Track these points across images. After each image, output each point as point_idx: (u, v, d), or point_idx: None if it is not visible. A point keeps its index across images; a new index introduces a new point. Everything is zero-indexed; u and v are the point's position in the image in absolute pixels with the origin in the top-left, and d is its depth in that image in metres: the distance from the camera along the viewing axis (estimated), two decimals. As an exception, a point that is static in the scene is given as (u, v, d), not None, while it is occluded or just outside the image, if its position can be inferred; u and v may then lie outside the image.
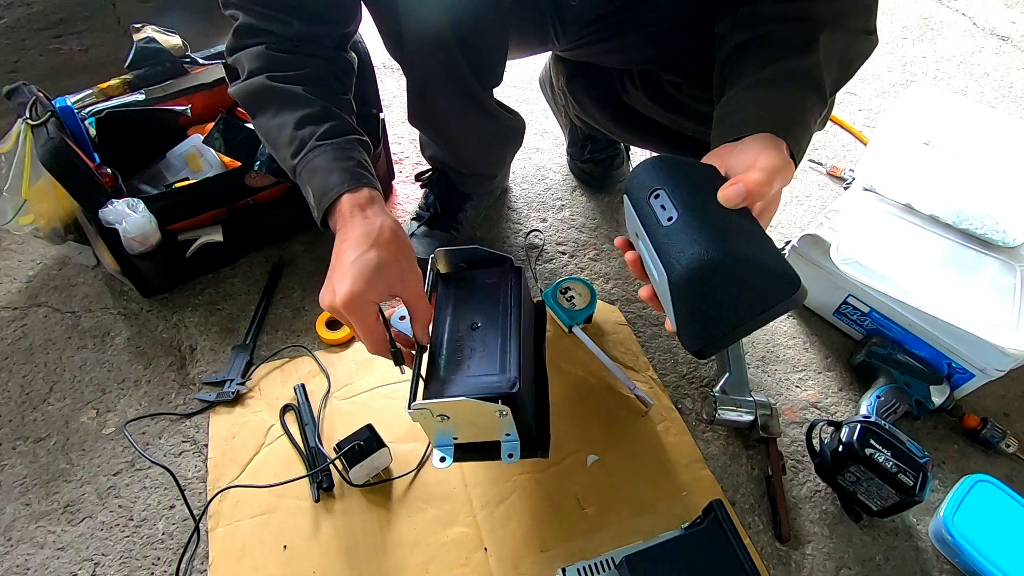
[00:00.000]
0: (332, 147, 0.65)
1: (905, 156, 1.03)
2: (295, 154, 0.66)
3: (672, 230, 0.48)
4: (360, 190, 0.64)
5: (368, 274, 0.59)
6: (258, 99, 0.69)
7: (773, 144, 0.54)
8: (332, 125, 0.67)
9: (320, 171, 0.65)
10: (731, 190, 0.49)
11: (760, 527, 0.80)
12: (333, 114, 0.68)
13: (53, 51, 1.41)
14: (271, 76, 0.68)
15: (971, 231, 0.94)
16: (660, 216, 0.49)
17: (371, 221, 0.62)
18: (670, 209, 0.49)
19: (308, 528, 0.76)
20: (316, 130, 0.66)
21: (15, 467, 0.81)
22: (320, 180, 0.65)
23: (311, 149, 0.66)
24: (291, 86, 0.67)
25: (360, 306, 0.59)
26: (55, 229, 0.92)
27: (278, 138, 0.68)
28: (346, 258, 0.60)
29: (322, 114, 0.67)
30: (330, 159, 0.65)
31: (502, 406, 0.59)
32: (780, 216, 1.19)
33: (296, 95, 0.67)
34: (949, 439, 0.90)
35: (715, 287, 0.46)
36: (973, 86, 1.52)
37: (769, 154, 0.52)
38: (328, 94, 0.70)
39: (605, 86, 0.99)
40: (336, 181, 0.64)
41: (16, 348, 0.92)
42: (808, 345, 1.00)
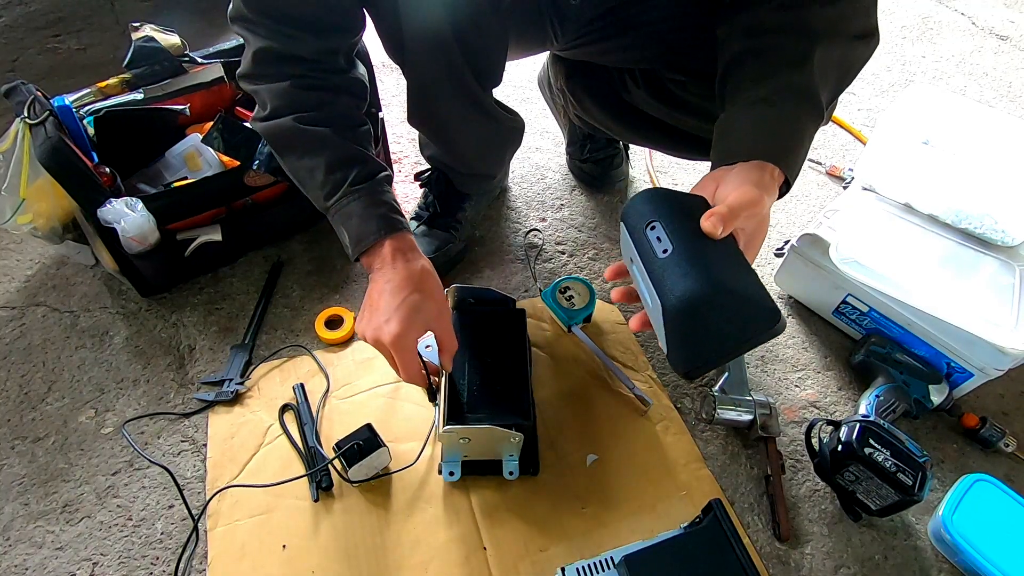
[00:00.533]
0: (364, 192, 0.71)
1: (904, 156, 1.03)
2: (328, 196, 0.72)
3: (667, 263, 0.52)
4: (397, 235, 0.71)
5: (412, 316, 0.68)
6: (287, 141, 0.73)
7: (757, 176, 0.58)
8: (361, 169, 0.71)
9: (355, 217, 0.71)
10: (706, 224, 0.53)
11: (759, 526, 0.80)
12: (360, 156, 0.72)
13: (51, 50, 1.41)
14: (298, 118, 0.70)
15: (970, 230, 0.94)
16: (656, 248, 0.53)
17: (411, 265, 0.71)
18: (665, 242, 0.52)
19: (307, 528, 0.76)
20: (348, 174, 0.71)
21: (13, 467, 0.81)
22: (356, 226, 0.71)
23: (344, 194, 0.71)
24: (318, 128, 0.71)
25: (405, 345, 0.68)
26: (53, 228, 0.92)
27: (308, 179, 0.73)
28: (390, 299, 0.69)
29: (350, 158, 0.72)
30: (364, 205, 0.71)
31: (516, 433, 0.71)
32: (779, 215, 1.19)
33: (324, 138, 0.71)
34: (948, 438, 0.90)
35: (705, 319, 0.50)
36: (972, 86, 1.52)
37: (743, 190, 0.55)
38: (352, 132, 0.74)
39: (605, 84, 0.99)
40: (373, 228, 0.71)
41: (14, 347, 0.92)
42: (807, 344, 1.00)
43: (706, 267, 0.50)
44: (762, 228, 0.59)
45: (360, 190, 0.71)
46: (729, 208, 0.53)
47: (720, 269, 0.50)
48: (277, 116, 0.71)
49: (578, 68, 1.02)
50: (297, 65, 0.70)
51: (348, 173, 0.71)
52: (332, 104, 0.72)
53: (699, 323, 0.50)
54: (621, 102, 0.98)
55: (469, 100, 0.82)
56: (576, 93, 1.04)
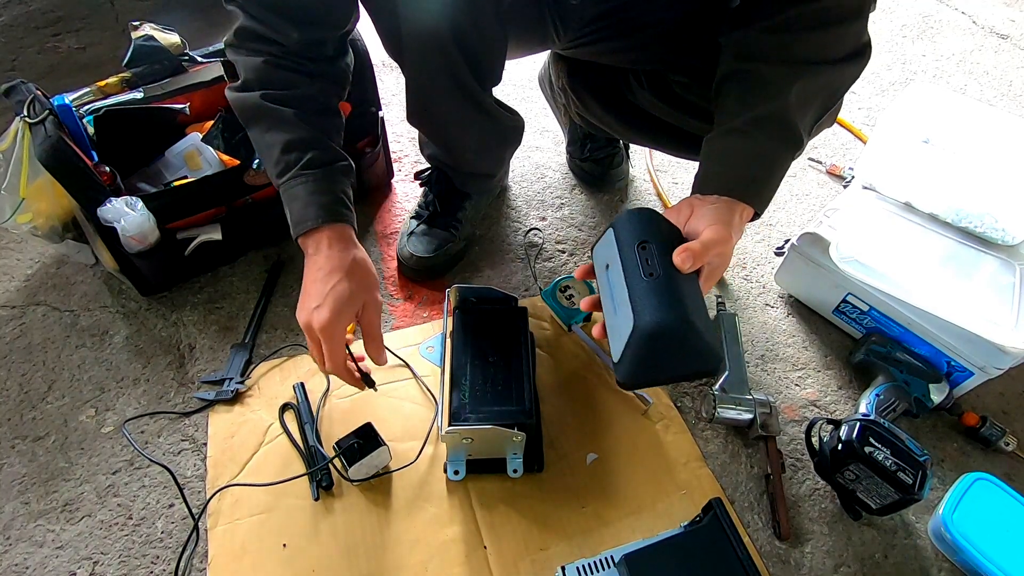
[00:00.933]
0: (313, 178, 0.71)
1: (905, 154, 1.03)
2: (279, 176, 0.72)
3: (649, 286, 0.55)
4: (335, 226, 0.71)
5: (342, 304, 0.69)
6: (251, 115, 0.73)
7: (728, 216, 0.63)
8: (316, 154, 0.71)
9: (299, 200, 0.71)
10: (678, 259, 0.58)
11: (759, 525, 0.80)
12: (319, 141, 0.72)
13: (51, 49, 1.41)
14: (265, 95, 0.71)
15: (970, 229, 0.94)
16: (642, 268, 0.56)
17: (345, 254, 0.71)
18: (652, 266, 0.56)
19: (307, 527, 0.76)
20: (301, 157, 0.71)
21: (14, 466, 0.81)
22: (298, 209, 0.71)
23: (293, 176, 0.71)
24: (282, 108, 0.71)
25: (333, 333, 0.69)
26: (53, 227, 0.92)
27: (266, 155, 0.74)
28: (322, 286, 0.69)
29: (308, 141, 0.72)
30: (310, 191, 0.71)
31: (518, 432, 0.72)
32: (779, 214, 1.19)
33: (286, 119, 0.71)
34: (948, 437, 0.90)
35: (666, 348, 0.54)
36: (972, 84, 1.52)
37: (715, 228, 0.61)
38: (318, 117, 0.73)
39: (609, 84, 0.98)
40: (312, 215, 0.70)
41: (15, 347, 0.92)
42: (808, 343, 1.00)
43: (682, 303, 0.54)
44: (724, 264, 0.64)
45: (310, 175, 0.71)
46: (702, 246, 0.59)
47: (692, 309, 0.55)
48: (247, 89, 0.72)
49: (581, 67, 1.01)
50: (275, 47, 0.71)
51: (302, 156, 0.71)
52: (302, 87, 0.72)
53: (660, 350, 0.54)
54: (625, 102, 0.98)
55: (468, 99, 0.81)
56: (578, 92, 1.03)
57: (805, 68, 0.65)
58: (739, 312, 1.02)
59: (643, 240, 0.58)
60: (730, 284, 1.07)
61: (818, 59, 0.65)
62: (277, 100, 0.71)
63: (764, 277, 1.08)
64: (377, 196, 1.16)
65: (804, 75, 0.65)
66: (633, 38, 0.84)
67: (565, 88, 1.06)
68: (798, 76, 0.65)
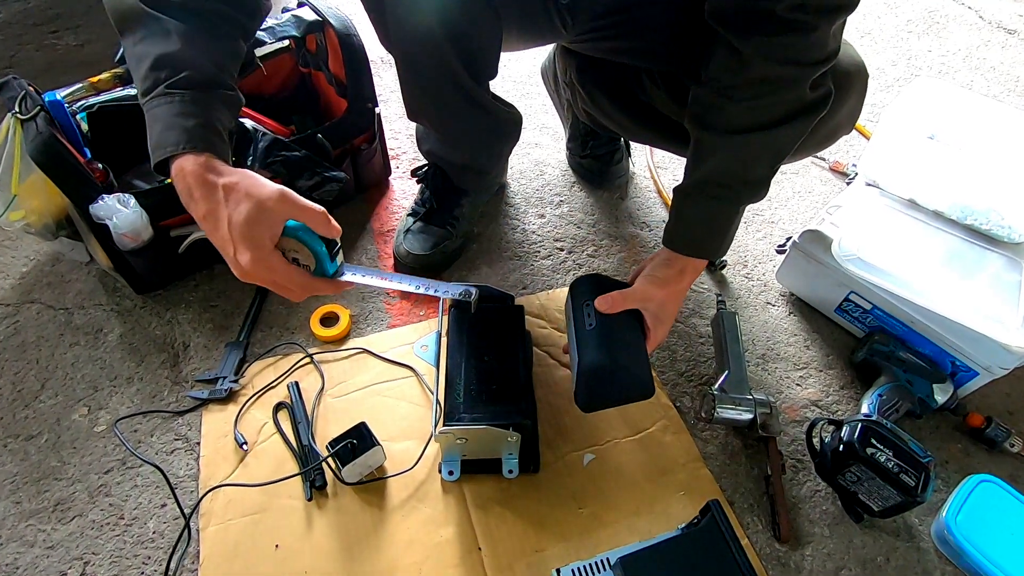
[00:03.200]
0: (180, 99, 0.60)
1: (909, 150, 1.01)
2: (144, 94, 0.61)
3: (589, 334, 0.71)
4: (203, 154, 0.59)
5: (254, 229, 0.58)
6: (126, 19, 0.63)
7: (663, 272, 0.74)
8: (191, 74, 0.61)
9: (159, 123, 0.60)
10: (597, 302, 0.72)
11: (759, 527, 0.78)
12: (198, 62, 0.62)
13: (49, 46, 1.41)
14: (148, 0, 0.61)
15: (976, 227, 0.92)
16: (585, 321, 0.73)
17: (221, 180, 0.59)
18: (592, 319, 0.72)
19: (301, 527, 0.75)
20: (172, 74, 0.60)
21: (5, 465, 0.80)
22: (158, 133, 0.60)
23: (159, 95, 0.60)
24: (163, 16, 0.61)
25: (271, 265, 0.59)
26: (46, 225, 0.91)
27: (135, 70, 0.63)
28: (222, 229, 0.59)
29: (186, 59, 0.61)
30: (174, 112, 0.60)
31: (514, 432, 0.71)
32: (781, 212, 1.18)
33: (164, 29, 0.61)
34: (952, 438, 0.89)
35: (602, 381, 0.70)
36: (979, 80, 1.50)
37: (641, 283, 0.74)
38: (206, 37, 0.63)
39: (620, 82, 0.96)
40: (173, 139, 0.59)
41: (8, 345, 0.91)
42: (809, 343, 0.98)
43: (611, 347, 0.70)
44: (665, 309, 0.75)
45: (177, 95, 0.60)
46: (622, 296, 0.72)
47: (619, 349, 0.70)
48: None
49: (591, 63, 0.98)
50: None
51: (173, 74, 0.60)
52: (195, 2, 0.63)
53: (598, 382, 0.70)
54: (636, 100, 0.95)
55: (462, 95, 0.80)
56: (588, 87, 1.00)
57: (740, 136, 0.69)
58: (740, 311, 1.01)
59: (586, 299, 0.73)
60: (731, 282, 1.06)
61: (751, 127, 0.69)
62: (160, 6, 0.61)
63: (765, 275, 1.07)
64: (374, 193, 1.15)
65: (738, 142, 0.70)
66: (645, 38, 0.82)
67: (573, 83, 1.03)
68: (732, 143, 0.70)
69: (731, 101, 0.68)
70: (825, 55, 0.65)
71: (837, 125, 0.82)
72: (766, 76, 0.66)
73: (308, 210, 0.60)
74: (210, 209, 0.59)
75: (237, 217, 0.58)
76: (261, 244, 0.58)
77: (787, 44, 0.63)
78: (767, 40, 0.64)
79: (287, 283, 0.61)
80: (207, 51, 0.63)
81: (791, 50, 0.64)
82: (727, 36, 0.66)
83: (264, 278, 0.60)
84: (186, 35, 0.61)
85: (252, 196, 0.58)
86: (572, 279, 1.02)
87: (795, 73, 0.66)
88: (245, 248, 0.58)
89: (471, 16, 0.71)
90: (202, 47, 0.62)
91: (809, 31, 0.62)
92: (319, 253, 0.62)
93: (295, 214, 0.60)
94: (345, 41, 0.98)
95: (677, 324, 0.99)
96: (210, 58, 0.63)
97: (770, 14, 0.62)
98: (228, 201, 0.58)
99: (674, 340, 0.97)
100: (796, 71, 0.65)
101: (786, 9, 0.61)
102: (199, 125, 0.60)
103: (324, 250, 0.63)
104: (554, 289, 1.02)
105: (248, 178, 0.59)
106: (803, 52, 0.64)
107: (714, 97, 0.69)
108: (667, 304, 0.75)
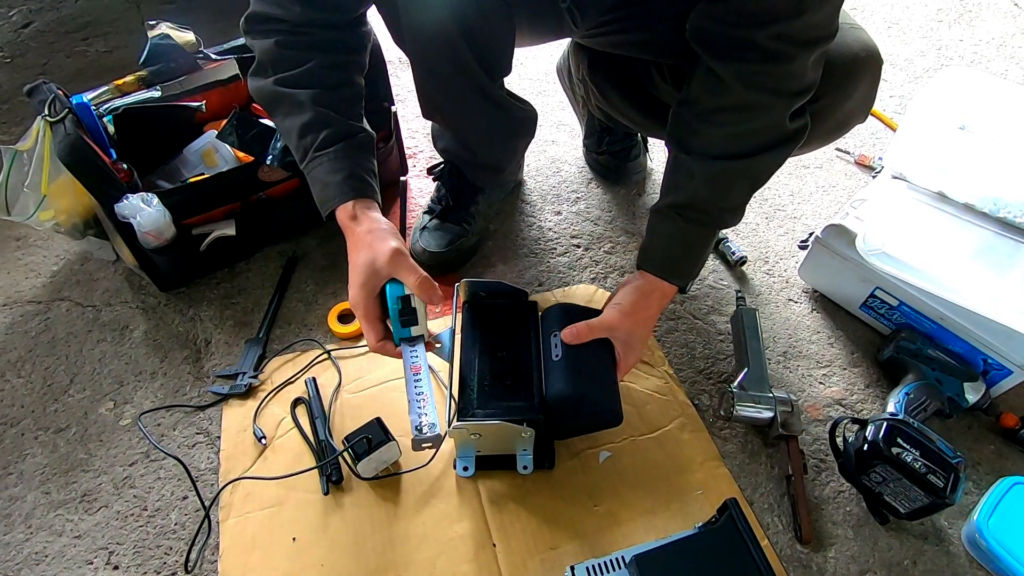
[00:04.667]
0: (327, 158, 0.71)
1: (938, 142, 0.98)
2: (302, 161, 0.73)
3: (555, 365, 0.74)
4: (356, 201, 0.70)
5: (360, 276, 0.68)
6: (269, 102, 0.74)
7: (631, 299, 0.76)
8: (329, 132, 0.71)
9: (319, 182, 0.72)
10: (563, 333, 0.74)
11: (779, 528, 0.77)
12: (330, 119, 0.71)
13: (80, 53, 1.45)
14: (278, 79, 0.71)
15: (1009, 220, 0.89)
16: (552, 351, 0.75)
17: (360, 230, 0.69)
18: (558, 350, 0.75)
19: (317, 521, 0.75)
20: (316, 139, 0.71)
21: (36, 456, 0.83)
22: (319, 191, 0.72)
23: (311, 160, 0.71)
24: (294, 91, 0.71)
25: (365, 312, 0.69)
26: (75, 224, 0.94)
27: (289, 141, 0.74)
28: (351, 267, 0.70)
29: (321, 120, 0.71)
30: (327, 171, 0.71)
31: (527, 428, 0.71)
32: (804, 207, 1.15)
33: (299, 101, 0.71)
34: (985, 439, 0.86)
35: (567, 409, 0.73)
36: (1014, 69, 1.44)
37: (608, 312, 0.76)
38: (330, 93, 0.72)
39: (629, 75, 0.96)
40: (331, 194, 0.70)
41: (39, 341, 0.94)
42: (833, 340, 0.96)
43: (576, 377, 0.72)
44: (634, 336, 0.76)
45: (325, 155, 0.71)
46: (588, 327, 0.74)
47: (584, 380, 0.72)
48: (262, 73, 0.72)
49: (602, 58, 0.99)
50: (284, 24, 0.70)
51: (316, 137, 0.71)
52: (312, 62, 0.71)
53: (564, 410, 0.72)
54: (647, 95, 0.95)
55: (477, 92, 0.80)
56: (599, 83, 1.01)
57: (719, 162, 0.71)
58: (761, 308, 0.99)
59: (554, 330, 0.76)
60: (751, 279, 1.04)
61: (730, 154, 0.70)
62: (289, 83, 0.71)
63: (787, 271, 1.05)
64: (391, 191, 1.15)
65: (716, 168, 0.71)
66: (654, 31, 0.81)
67: (585, 79, 1.03)
68: (711, 168, 0.71)
69: (711, 125, 0.70)
70: (803, 86, 0.67)
71: (848, 114, 0.80)
72: (745, 103, 0.67)
73: (411, 275, 0.67)
74: (349, 248, 0.70)
75: (358, 260, 0.68)
76: (363, 298, 0.68)
77: (766, 72, 0.65)
78: (746, 67, 0.65)
79: (367, 334, 0.71)
80: (334, 106, 0.72)
81: (770, 78, 0.66)
82: (707, 59, 0.67)
83: (358, 316, 0.70)
84: (316, 100, 0.71)
85: (373, 249, 0.67)
86: (589, 276, 1.02)
87: (773, 102, 0.67)
88: (357, 298, 0.68)
89: (484, 13, 0.71)
90: (329, 104, 0.71)
91: (788, 61, 0.64)
92: (393, 317, 0.69)
93: (399, 275, 0.67)
94: (362, 41, 0.99)
95: (696, 321, 0.98)
96: (339, 111, 0.72)
97: (751, 42, 0.63)
98: (359, 247, 0.69)
99: (693, 337, 0.96)
100: (774, 100, 0.67)
101: (767, 38, 0.62)
102: (347, 177, 0.70)
103: (396, 317, 0.69)
104: (570, 286, 1.02)
105: (377, 232, 0.69)
106: (781, 81, 0.66)
107: (694, 120, 0.71)
108: (635, 331, 0.76)
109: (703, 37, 0.68)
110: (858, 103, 0.79)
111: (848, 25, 0.74)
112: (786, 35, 0.62)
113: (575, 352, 0.74)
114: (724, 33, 0.65)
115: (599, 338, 0.75)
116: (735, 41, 0.64)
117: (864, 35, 0.75)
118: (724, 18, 0.64)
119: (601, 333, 0.75)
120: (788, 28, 0.62)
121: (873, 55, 0.75)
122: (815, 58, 0.65)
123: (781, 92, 0.67)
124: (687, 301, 1.00)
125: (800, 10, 0.61)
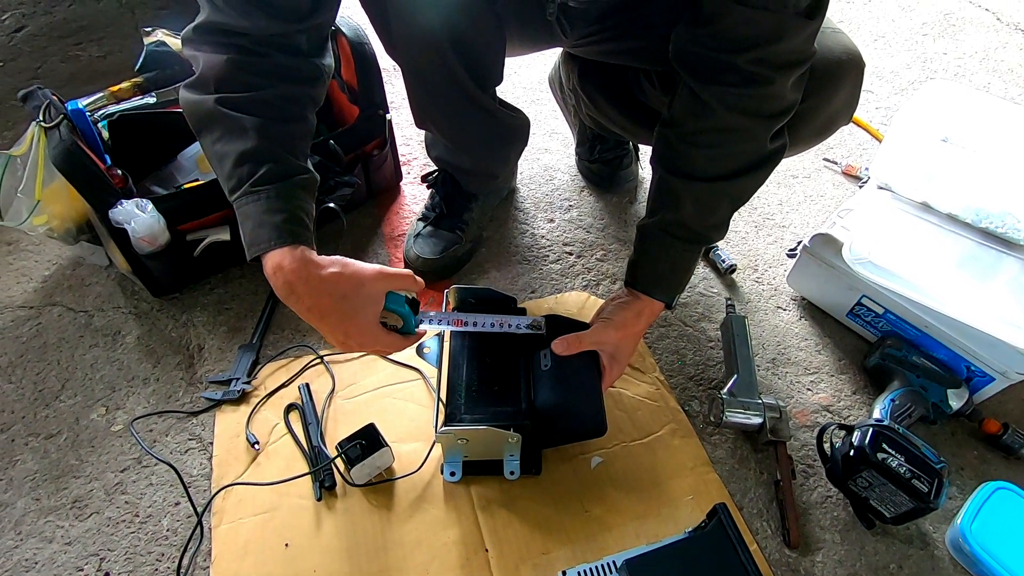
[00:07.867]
0: (266, 195, 0.63)
1: (922, 153, 1.00)
2: (231, 191, 0.65)
3: (544, 375, 0.76)
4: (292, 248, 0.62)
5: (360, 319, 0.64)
6: (203, 120, 0.66)
7: (621, 315, 0.76)
8: (270, 168, 0.63)
9: (250, 220, 0.64)
10: (554, 344, 0.75)
11: (768, 533, 0.78)
12: (274, 154, 0.64)
13: (73, 57, 1.45)
14: (221, 99, 0.63)
15: (991, 230, 0.91)
16: (542, 362, 0.77)
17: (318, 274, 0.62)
18: (547, 359, 0.76)
19: (310, 527, 0.76)
20: (254, 171, 0.63)
21: (27, 462, 0.82)
22: (250, 230, 0.64)
23: (245, 193, 0.64)
24: (238, 115, 0.63)
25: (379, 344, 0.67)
26: (68, 230, 0.94)
27: (218, 168, 0.66)
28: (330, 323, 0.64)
29: (264, 152, 0.64)
30: (262, 209, 0.63)
31: (514, 434, 0.71)
32: (792, 216, 1.17)
33: (241, 127, 0.63)
34: (968, 444, 0.87)
35: (554, 420, 0.74)
36: (996, 82, 1.47)
37: (597, 326, 0.77)
38: (279, 125, 0.65)
39: (619, 84, 0.97)
40: (265, 236, 0.63)
41: (31, 346, 0.94)
42: (821, 347, 0.98)
43: (564, 389, 0.74)
44: (621, 350, 0.77)
45: (263, 191, 0.63)
46: (579, 339, 0.75)
47: (572, 390, 0.74)
48: (202, 88, 0.65)
49: (591, 67, 1.01)
50: (243, 39, 0.63)
51: (255, 169, 0.63)
52: (265, 89, 0.64)
53: (550, 420, 0.74)
54: (635, 102, 0.97)
55: (468, 101, 0.81)
56: (589, 92, 1.03)
57: (704, 184, 0.72)
58: (750, 315, 1.00)
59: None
60: (741, 287, 1.05)
61: (714, 176, 0.72)
62: (234, 105, 0.63)
63: (776, 279, 1.06)
64: (385, 199, 1.16)
65: (701, 188, 0.73)
66: (643, 39, 0.83)
67: (576, 89, 1.05)
68: (696, 189, 0.73)
69: (694, 147, 0.71)
70: (783, 107, 0.68)
71: (832, 116, 0.81)
72: (727, 125, 0.68)
73: (398, 277, 0.66)
74: (316, 303, 0.62)
75: (346, 307, 0.63)
76: (367, 325, 0.65)
77: (746, 95, 0.66)
78: (727, 90, 0.67)
79: (387, 348, 0.68)
80: (282, 140, 0.65)
81: (750, 101, 0.67)
82: (689, 81, 0.69)
83: (370, 349, 0.69)
84: (261, 129, 0.63)
85: (355, 282, 0.63)
86: (581, 283, 1.04)
87: (754, 123, 0.69)
88: (357, 332, 0.64)
89: (474, 22, 0.72)
90: (277, 137, 0.65)
91: (767, 84, 0.65)
92: (407, 316, 0.69)
93: (391, 285, 0.66)
94: (357, 49, 1.00)
95: (686, 328, 0.99)
96: (285, 146, 0.66)
97: (731, 65, 0.65)
98: (332, 294, 0.62)
99: (683, 344, 0.97)
100: (755, 122, 0.68)
101: (747, 62, 0.64)
102: (287, 220, 0.63)
103: (410, 312, 0.69)
104: (563, 293, 1.03)
105: (347, 267, 0.63)
106: (762, 104, 0.67)
107: (677, 141, 0.73)
108: (622, 346, 0.77)
109: (685, 60, 0.69)
110: (842, 105, 0.80)
111: (830, 29, 0.76)
112: (765, 59, 0.63)
113: (563, 363, 0.75)
114: (706, 56, 0.66)
115: (587, 350, 0.76)
116: (716, 64, 0.66)
117: (845, 38, 0.76)
118: (706, 42, 0.66)
119: (591, 346, 0.76)
120: (766, 53, 0.63)
121: (855, 58, 0.76)
122: (794, 80, 0.67)
123: (761, 114, 0.68)
124: (677, 308, 1.01)
125: (778, 36, 0.62)
